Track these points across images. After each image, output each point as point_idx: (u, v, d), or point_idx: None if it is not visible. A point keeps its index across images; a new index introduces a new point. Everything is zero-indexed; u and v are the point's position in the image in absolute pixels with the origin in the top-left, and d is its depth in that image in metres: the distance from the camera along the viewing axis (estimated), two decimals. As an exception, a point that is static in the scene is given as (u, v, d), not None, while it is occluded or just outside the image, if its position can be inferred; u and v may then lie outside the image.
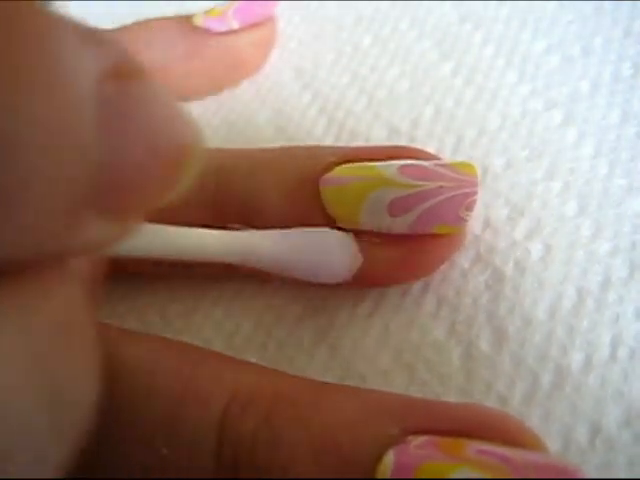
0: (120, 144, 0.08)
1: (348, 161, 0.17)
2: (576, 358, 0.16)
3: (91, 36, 0.08)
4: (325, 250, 0.16)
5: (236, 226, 0.16)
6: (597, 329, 0.17)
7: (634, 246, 0.18)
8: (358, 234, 0.17)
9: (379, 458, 0.12)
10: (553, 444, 0.15)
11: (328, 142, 0.22)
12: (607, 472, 0.15)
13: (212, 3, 0.24)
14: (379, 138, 0.22)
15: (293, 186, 0.18)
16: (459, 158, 0.21)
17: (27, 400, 0.07)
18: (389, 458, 0.12)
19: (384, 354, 0.17)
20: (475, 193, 0.16)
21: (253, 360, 0.17)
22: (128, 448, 0.13)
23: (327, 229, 0.17)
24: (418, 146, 0.18)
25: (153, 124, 0.08)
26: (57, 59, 0.07)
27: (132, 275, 0.20)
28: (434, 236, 0.17)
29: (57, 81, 0.07)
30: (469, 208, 0.16)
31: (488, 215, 0.19)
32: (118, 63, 0.08)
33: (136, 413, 0.13)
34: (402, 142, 0.21)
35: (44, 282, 0.08)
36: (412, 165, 0.16)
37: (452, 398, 0.16)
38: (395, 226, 0.16)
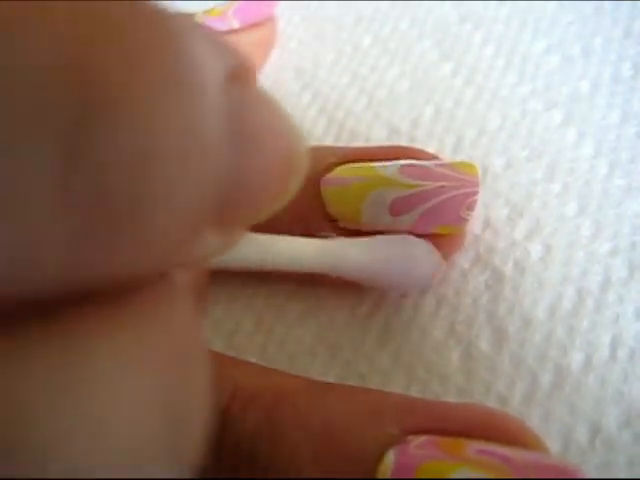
0: (248, 153, 0.07)
1: (349, 161, 0.17)
2: (576, 358, 0.16)
3: (212, 38, 0.07)
4: (413, 259, 0.16)
5: (324, 234, 0.16)
6: (597, 329, 0.17)
7: (634, 246, 0.18)
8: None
9: (379, 458, 0.12)
10: (553, 444, 0.15)
11: (328, 142, 0.22)
12: (607, 472, 0.15)
13: (212, 3, 0.24)
14: (379, 138, 0.22)
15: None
16: (459, 158, 0.21)
17: (150, 424, 0.07)
18: (389, 458, 0.12)
19: (384, 354, 0.17)
20: (476, 193, 0.16)
21: (253, 360, 0.17)
22: None
23: (412, 237, 0.16)
24: (418, 146, 0.18)
25: (274, 131, 0.08)
26: (187, 62, 0.06)
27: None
28: (435, 236, 0.17)
29: (186, 87, 0.06)
30: (470, 208, 0.16)
31: (488, 215, 0.19)
32: (238, 66, 0.07)
33: None
34: (402, 142, 0.21)
35: (160, 298, 0.07)
36: (413, 165, 0.16)
37: (452, 398, 0.16)
38: (396, 226, 0.16)
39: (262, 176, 0.08)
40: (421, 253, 0.16)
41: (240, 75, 0.07)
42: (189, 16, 0.07)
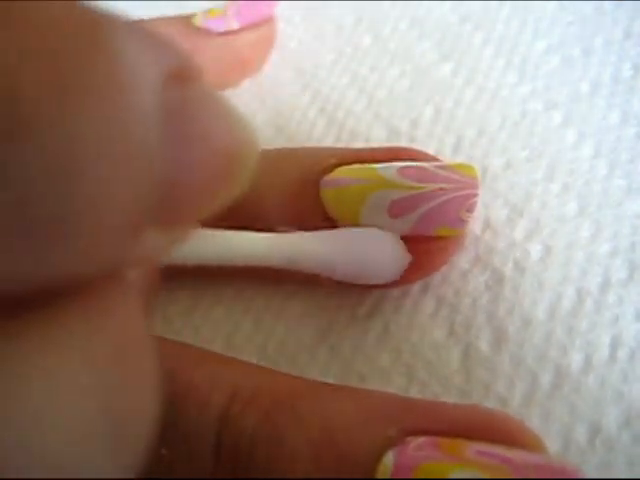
0: (185, 154, 0.07)
1: (348, 162, 0.17)
2: (576, 358, 0.16)
3: (150, 38, 0.07)
4: (376, 250, 0.16)
5: (283, 228, 0.16)
6: (597, 330, 0.17)
7: (634, 247, 0.18)
8: None
9: (378, 458, 0.12)
10: (553, 444, 0.15)
11: (328, 142, 0.22)
12: (607, 472, 0.15)
13: (212, 3, 0.24)
14: (379, 138, 0.22)
15: (293, 188, 0.17)
16: (459, 158, 0.21)
17: (90, 422, 0.07)
18: (389, 458, 0.12)
19: (384, 354, 0.17)
20: (476, 195, 0.16)
21: (253, 360, 0.17)
22: None
23: (374, 229, 0.16)
24: (418, 146, 0.18)
25: (215, 130, 0.08)
26: (120, 65, 0.06)
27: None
28: (434, 237, 0.17)
29: (121, 89, 0.06)
30: (470, 210, 0.16)
31: (488, 216, 0.19)
32: (178, 66, 0.07)
33: None
34: (402, 142, 0.21)
35: (102, 298, 0.07)
36: (412, 167, 0.16)
37: (451, 399, 0.16)
38: (395, 228, 0.16)
39: (202, 174, 0.08)
40: (383, 245, 0.16)
41: (181, 75, 0.07)
42: (125, 17, 0.07)
